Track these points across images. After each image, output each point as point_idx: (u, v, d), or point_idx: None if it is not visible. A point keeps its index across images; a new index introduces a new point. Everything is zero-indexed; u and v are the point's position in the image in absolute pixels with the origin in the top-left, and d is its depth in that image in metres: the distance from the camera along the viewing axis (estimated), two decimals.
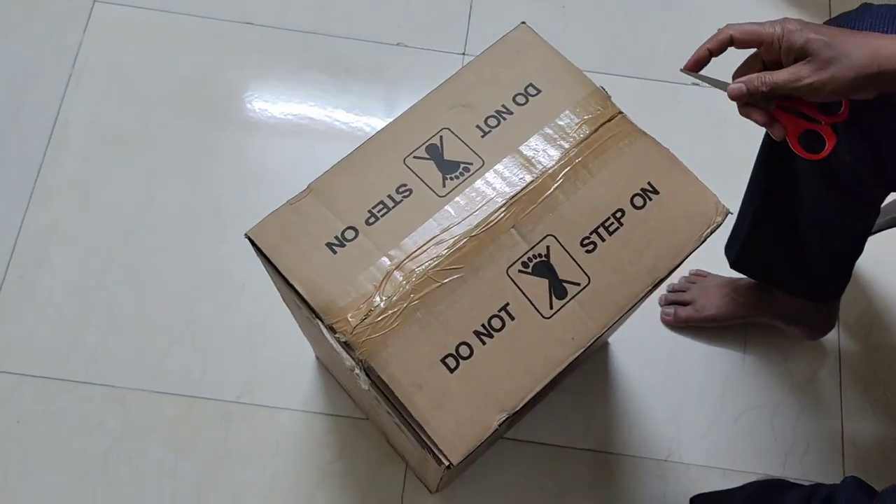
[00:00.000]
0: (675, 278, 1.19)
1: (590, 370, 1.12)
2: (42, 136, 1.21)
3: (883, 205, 0.90)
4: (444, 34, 1.32)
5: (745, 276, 1.11)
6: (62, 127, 1.22)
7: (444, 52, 1.29)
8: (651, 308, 1.17)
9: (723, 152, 1.24)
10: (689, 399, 1.13)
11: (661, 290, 1.18)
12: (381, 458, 1.06)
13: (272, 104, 1.27)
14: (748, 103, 0.66)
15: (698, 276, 1.18)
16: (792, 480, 0.99)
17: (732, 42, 0.66)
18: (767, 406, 1.13)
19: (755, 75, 0.64)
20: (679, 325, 1.15)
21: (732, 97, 0.65)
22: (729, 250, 1.07)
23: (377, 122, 1.24)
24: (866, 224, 0.91)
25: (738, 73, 0.67)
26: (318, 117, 1.26)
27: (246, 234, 0.68)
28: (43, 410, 1.06)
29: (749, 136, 0.94)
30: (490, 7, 1.34)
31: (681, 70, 0.69)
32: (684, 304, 1.15)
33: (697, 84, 0.68)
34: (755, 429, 1.12)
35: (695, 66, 0.67)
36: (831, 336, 1.15)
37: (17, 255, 1.14)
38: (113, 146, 1.22)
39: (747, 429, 1.12)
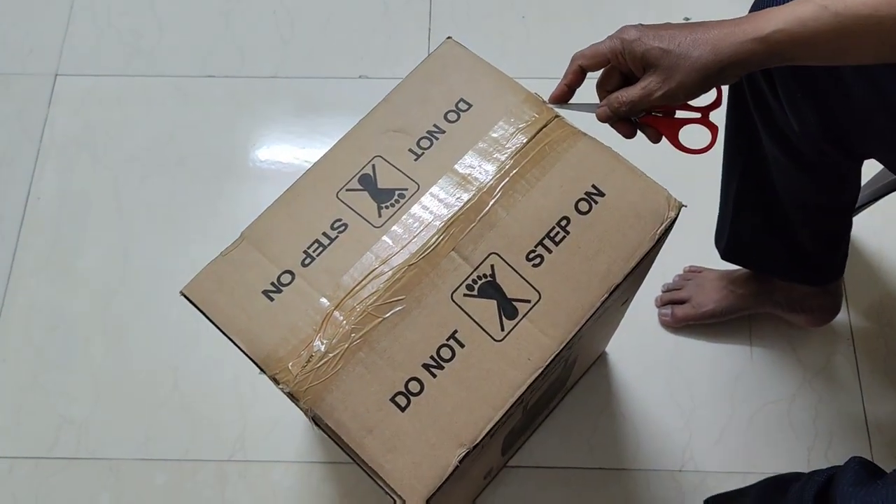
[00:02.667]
0: (669, 277, 1.14)
1: (589, 385, 1.08)
2: (15, 217, 1.21)
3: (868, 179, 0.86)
4: (405, 62, 1.30)
5: (740, 268, 1.06)
6: (34, 204, 1.22)
7: None
8: (648, 311, 1.12)
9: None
10: (698, 403, 1.08)
11: (656, 291, 1.13)
12: (382, 501, 1.02)
13: (242, 154, 1.25)
14: (616, 120, 0.65)
15: (693, 272, 1.13)
16: None
17: (584, 70, 0.65)
18: (783, 400, 1.07)
19: (614, 96, 0.63)
20: (678, 324, 1.10)
21: (601, 120, 0.66)
22: (718, 242, 1.02)
23: None
24: (846, 198, 0.87)
25: (600, 86, 0.66)
26: (289, 160, 1.24)
27: (181, 292, 0.65)
28: (37, 491, 1.04)
29: None
30: (448, 30, 1.32)
31: (547, 103, 0.69)
32: (681, 302, 1.10)
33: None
34: (772, 426, 1.06)
35: (557, 102, 0.68)
36: (841, 318, 1.09)
37: None
38: (86, 216, 1.21)
39: (764, 427, 1.06)
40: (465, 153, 0.68)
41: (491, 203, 0.65)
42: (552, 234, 0.64)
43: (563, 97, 0.67)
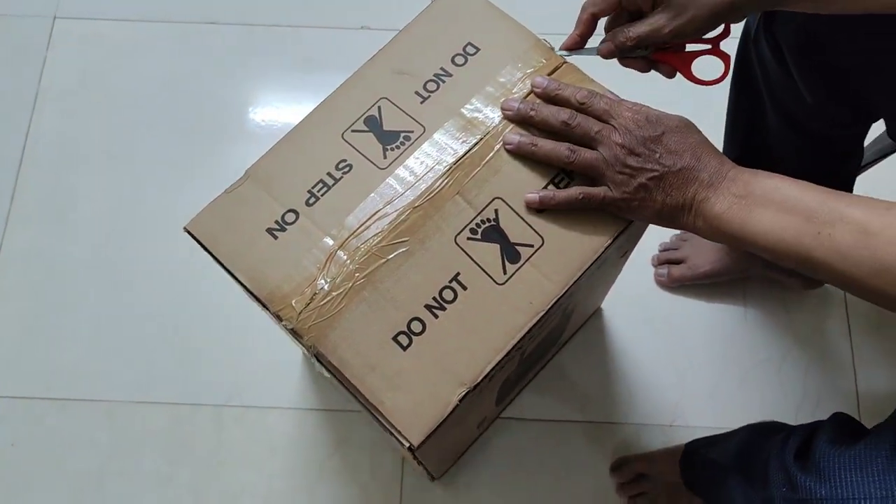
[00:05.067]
0: (667, 236, 1.15)
1: (585, 340, 1.09)
2: (13, 159, 1.20)
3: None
4: (408, 12, 1.28)
5: None
6: (32, 147, 1.21)
7: None
8: (644, 270, 1.13)
9: (683, 99, 1.19)
10: (692, 360, 1.09)
11: (653, 250, 1.14)
12: (378, 449, 1.04)
13: (242, 102, 1.25)
14: (626, 57, 0.66)
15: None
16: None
17: (596, 18, 0.66)
18: (774, 360, 1.09)
19: (619, 30, 0.64)
20: (674, 284, 1.11)
21: (604, 56, 0.66)
22: None
23: None
24: (851, 166, 0.87)
25: (608, 27, 0.67)
26: (286, 110, 1.24)
27: (185, 228, 0.66)
28: (33, 432, 1.05)
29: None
30: None
31: (557, 51, 0.69)
32: (677, 262, 1.11)
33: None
34: (763, 384, 1.08)
35: (569, 50, 0.69)
36: None
37: None
38: (86, 162, 1.21)
39: (755, 385, 1.07)
40: (472, 97, 0.68)
41: (496, 148, 0.65)
42: (556, 180, 0.65)
43: (575, 46, 0.67)
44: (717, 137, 0.96)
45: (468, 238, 0.63)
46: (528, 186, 0.64)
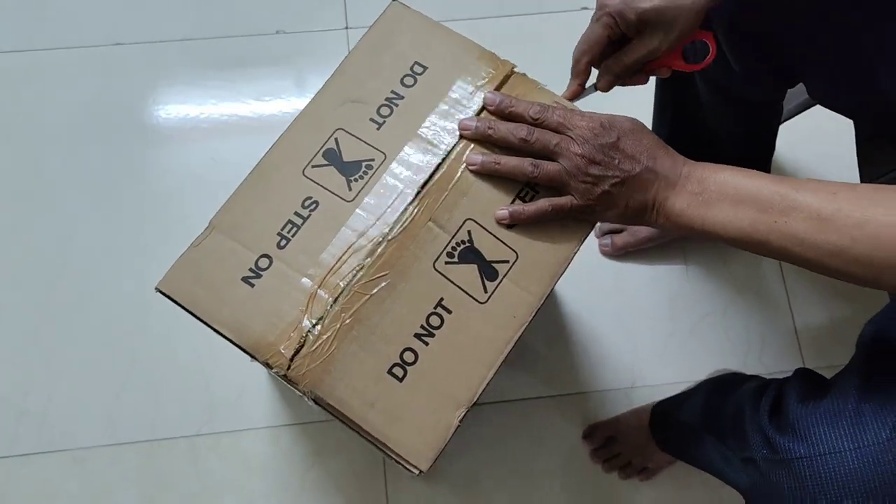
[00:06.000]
0: None
1: (543, 320, 1.12)
2: None
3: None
4: (322, 13, 1.26)
5: None
6: None
7: (325, 31, 1.24)
8: (589, 242, 1.16)
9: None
10: (642, 323, 1.14)
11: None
12: (356, 454, 1.05)
13: (167, 120, 1.20)
14: (625, 82, 0.70)
15: None
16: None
17: (591, 63, 0.68)
18: (717, 312, 1.15)
19: (612, 62, 0.67)
20: (618, 252, 1.16)
21: (606, 90, 0.70)
22: None
23: (277, 114, 1.19)
24: (774, 124, 0.92)
25: (584, 52, 0.69)
26: (215, 124, 1.20)
27: (156, 288, 0.64)
28: (3, 490, 1.02)
29: None
30: None
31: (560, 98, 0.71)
32: (619, 231, 1.15)
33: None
34: (710, 336, 1.14)
35: (574, 98, 0.71)
36: None
37: None
38: (14, 200, 1.14)
39: (703, 338, 1.14)
40: (427, 117, 0.68)
41: (460, 170, 0.66)
42: (522, 194, 0.66)
43: (577, 95, 0.71)
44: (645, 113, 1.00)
45: (446, 262, 0.64)
46: (497, 204, 0.66)
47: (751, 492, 0.70)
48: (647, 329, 1.14)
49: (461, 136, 0.67)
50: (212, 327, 0.63)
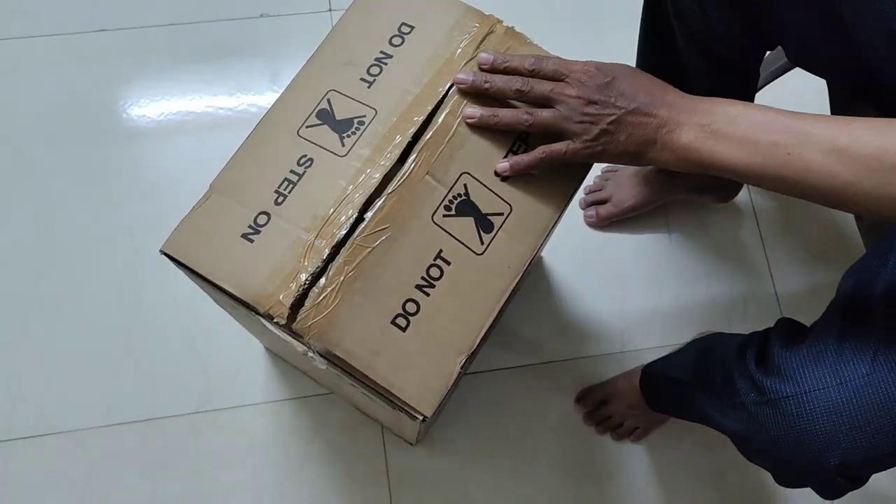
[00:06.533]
0: (589, 179, 1.21)
1: (531, 289, 1.15)
2: None
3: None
4: None
5: None
6: None
7: (309, 14, 1.26)
8: (574, 214, 1.19)
9: (601, 46, 1.25)
10: (629, 290, 1.17)
11: (580, 194, 1.20)
12: (355, 426, 1.07)
13: (152, 108, 1.21)
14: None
15: (610, 171, 1.20)
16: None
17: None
18: (701, 277, 1.18)
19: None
20: (603, 223, 1.18)
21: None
22: None
23: (262, 100, 1.21)
24: (753, 84, 0.95)
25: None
26: (202, 109, 1.21)
27: (161, 250, 0.66)
28: (3, 475, 1.02)
29: (626, 25, 0.96)
30: None
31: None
32: (603, 202, 1.18)
33: None
34: (695, 300, 1.17)
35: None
36: (744, 197, 1.21)
37: None
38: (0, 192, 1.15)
39: (688, 302, 1.17)
40: (415, 73, 0.70)
41: (456, 124, 0.68)
42: (515, 148, 0.69)
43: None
44: None
45: (444, 215, 0.66)
46: (491, 157, 0.68)
47: (741, 434, 0.73)
48: (634, 296, 1.17)
49: (458, 90, 0.69)
50: (214, 284, 0.65)
